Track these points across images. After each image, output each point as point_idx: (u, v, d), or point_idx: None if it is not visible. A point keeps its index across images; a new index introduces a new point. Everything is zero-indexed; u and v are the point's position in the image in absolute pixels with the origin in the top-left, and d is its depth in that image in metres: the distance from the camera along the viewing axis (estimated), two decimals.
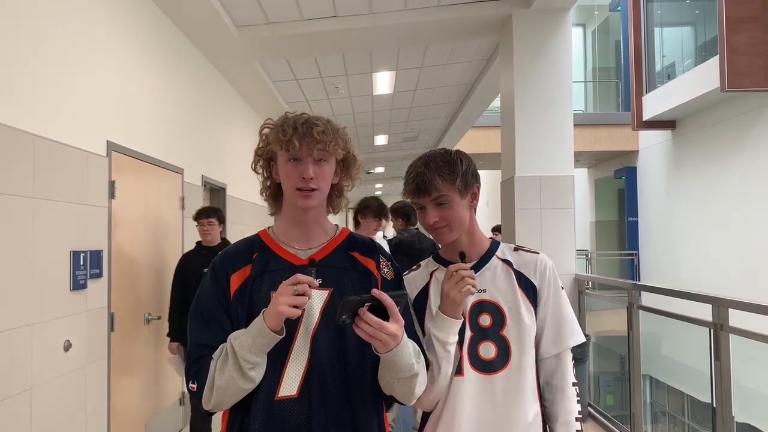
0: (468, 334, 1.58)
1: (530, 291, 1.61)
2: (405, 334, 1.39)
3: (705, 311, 3.43)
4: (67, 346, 3.16)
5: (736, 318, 3.25)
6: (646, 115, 11.17)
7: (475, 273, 1.60)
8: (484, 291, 1.60)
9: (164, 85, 4.70)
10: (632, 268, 12.79)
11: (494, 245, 1.68)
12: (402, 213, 4.79)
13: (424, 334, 1.59)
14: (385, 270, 1.55)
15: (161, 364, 4.58)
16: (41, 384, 2.93)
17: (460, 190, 1.57)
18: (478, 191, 1.63)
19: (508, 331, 1.57)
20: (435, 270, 1.65)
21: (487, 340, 1.57)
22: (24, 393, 2.78)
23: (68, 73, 3.24)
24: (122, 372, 3.84)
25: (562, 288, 1.65)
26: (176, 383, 4.90)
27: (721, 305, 3.25)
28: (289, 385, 1.40)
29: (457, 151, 1.63)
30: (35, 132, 2.90)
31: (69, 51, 3.25)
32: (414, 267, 1.74)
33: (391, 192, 23.86)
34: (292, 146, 1.42)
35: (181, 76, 5.10)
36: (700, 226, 10.31)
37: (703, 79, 9.33)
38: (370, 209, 4.46)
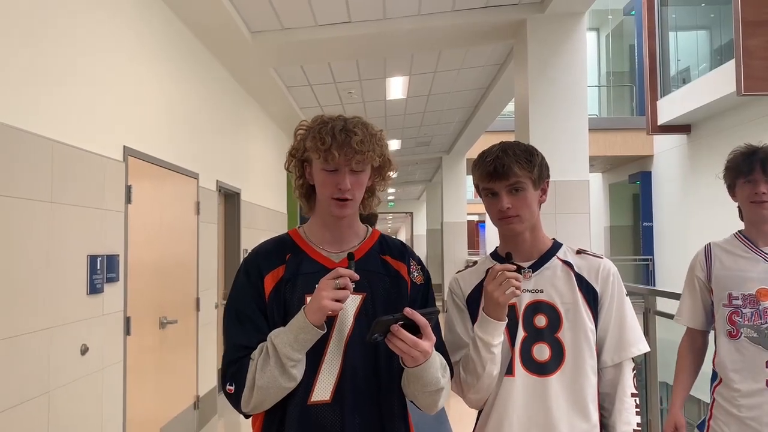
0: (521, 334, 1.54)
1: (591, 296, 1.56)
2: (434, 349, 1.38)
3: None
4: (84, 350, 3.18)
5: None
6: (661, 120, 11.08)
7: (534, 272, 1.58)
8: (542, 291, 1.56)
9: (180, 90, 4.74)
10: (647, 274, 12.67)
11: (556, 245, 1.64)
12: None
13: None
14: (415, 274, 1.53)
15: (176, 369, 4.60)
16: (58, 387, 2.95)
17: (534, 181, 1.56)
18: (548, 187, 1.62)
19: (564, 334, 1.53)
20: (491, 267, 1.59)
21: (542, 342, 1.53)
22: (41, 396, 2.81)
23: (86, 79, 3.27)
24: (138, 376, 3.86)
25: (627, 295, 1.60)
26: (191, 388, 4.92)
27: None
28: (323, 389, 1.40)
29: (530, 145, 1.63)
30: (54, 137, 2.93)
31: (87, 58, 3.28)
32: (470, 264, 1.72)
33: (402, 197, 23.79)
34: (331, 157, 1.38)
35: (196, 82, 5.14)
36: (716, 231, 10.17)
37: (718, 83, 9.24)
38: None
